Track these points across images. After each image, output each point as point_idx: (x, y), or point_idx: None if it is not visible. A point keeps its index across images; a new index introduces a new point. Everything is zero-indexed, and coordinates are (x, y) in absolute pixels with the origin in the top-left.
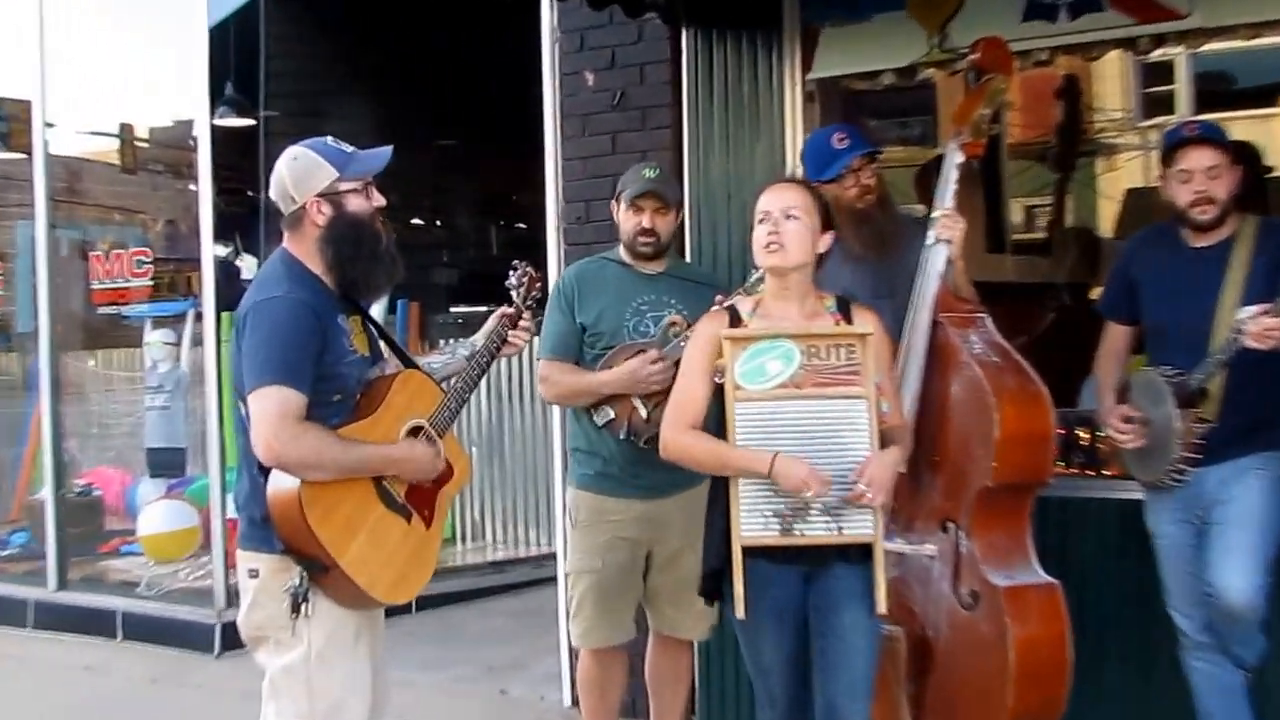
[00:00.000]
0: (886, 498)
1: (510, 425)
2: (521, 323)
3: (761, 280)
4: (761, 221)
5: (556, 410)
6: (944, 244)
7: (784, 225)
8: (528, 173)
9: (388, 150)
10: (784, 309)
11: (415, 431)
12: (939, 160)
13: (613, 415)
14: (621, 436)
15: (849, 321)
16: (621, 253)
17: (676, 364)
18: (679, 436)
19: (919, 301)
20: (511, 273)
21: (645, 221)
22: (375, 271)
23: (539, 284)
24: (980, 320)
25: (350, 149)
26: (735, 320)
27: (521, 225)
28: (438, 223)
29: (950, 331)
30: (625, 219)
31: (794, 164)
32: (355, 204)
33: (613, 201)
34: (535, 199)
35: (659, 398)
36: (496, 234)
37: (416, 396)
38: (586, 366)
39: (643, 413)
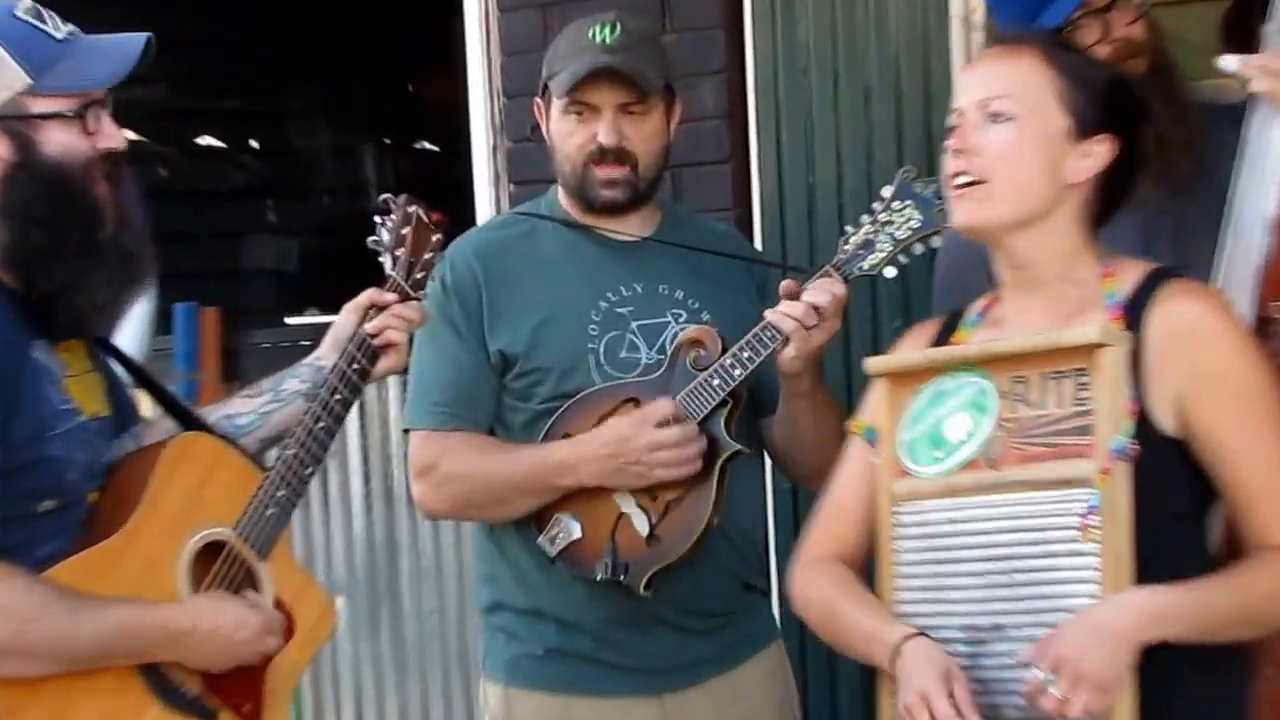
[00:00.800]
0: (1096, 699)
1: (410, 539)
2: (402, 311)
3: None
4: (951, 132)
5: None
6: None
7: (985, 137)
8: (436, 44)
9: (137, 42)
10: (1026, 308)
11: (209, 554)
12: None
13: (578, 534)
14: (598, 577)
15: (1131, 321)
16: (562, 201)
17: (705, 426)
18: (810, 578)
19: (1227, 277)
20: (382, 218)
21: (603, 134)
22: (93, 274)
23: (439, 236)
24: None
25: (66, 32)
26: (948, 331)
27: (426, 146)
28: (253, 144)
29: None
30: (561, 131)
31: (969, 7)
32: (59, 142)
33: (536, 100)
34: (449, 94)
35: (673, 493)
36: (375, 164)
37: (208, 482)
38: (514, 438)
39: (642, 525)
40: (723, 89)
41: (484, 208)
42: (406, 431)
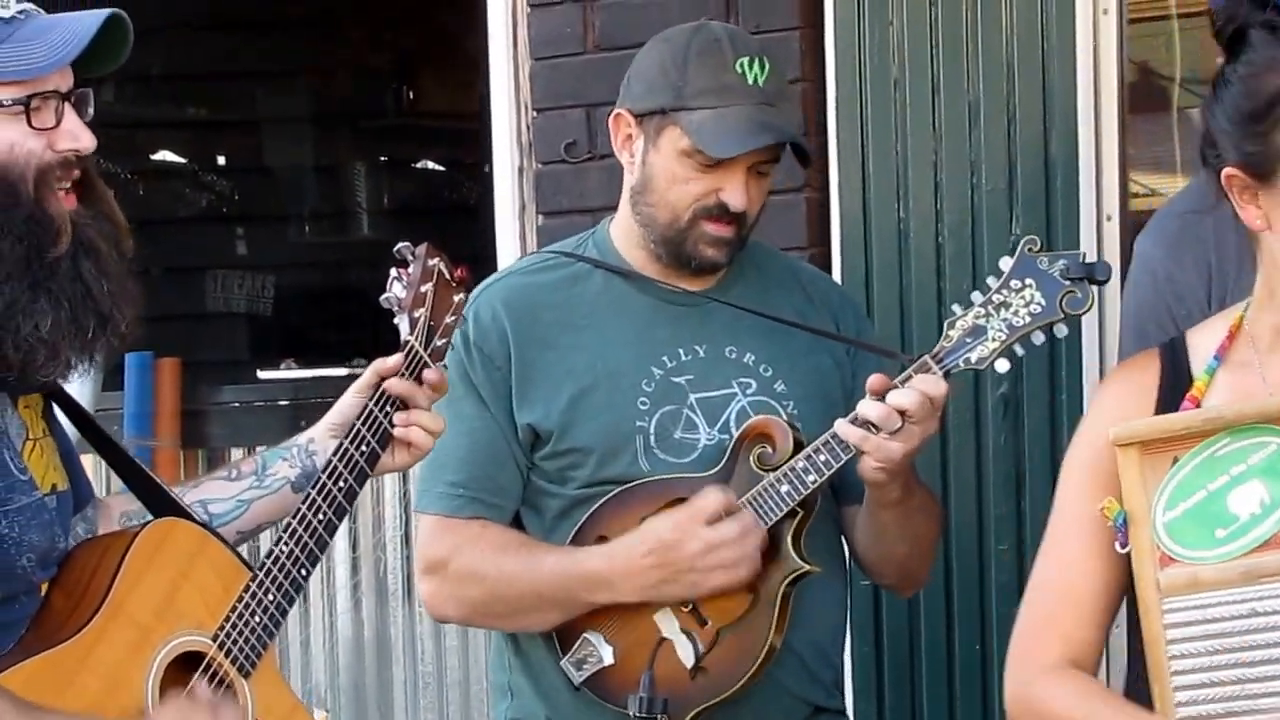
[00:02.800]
0: None
1: (406, 641)
2: (427, 381)
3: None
4: None
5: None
6: None
7: None
8: (446, 43)
9: (97, 19)
10: None
11: (184, 666)
12: None
13: (609, 660)
14: (631, 713)
15: None
16: (617, 243)
17: (775, 536)
18: (1050, 690)
19: None
20: (398, 271)
21: (733, 197)
22: (38, 302)
23: (461, 296)
24: None
25: (16, 9)
26: (1175, 377)
27: (430, 166)
28: (220, 161)
29: None
30: (671, 173)
31: (1100, 8)
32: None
33: (624, 112)
34: (461, 104)
35: (726, 619)
36: (368, 186)
37: (185, 580)
38: (546, 530)
39: (687, 654)
40: (798, 103)
41: (507, 242)
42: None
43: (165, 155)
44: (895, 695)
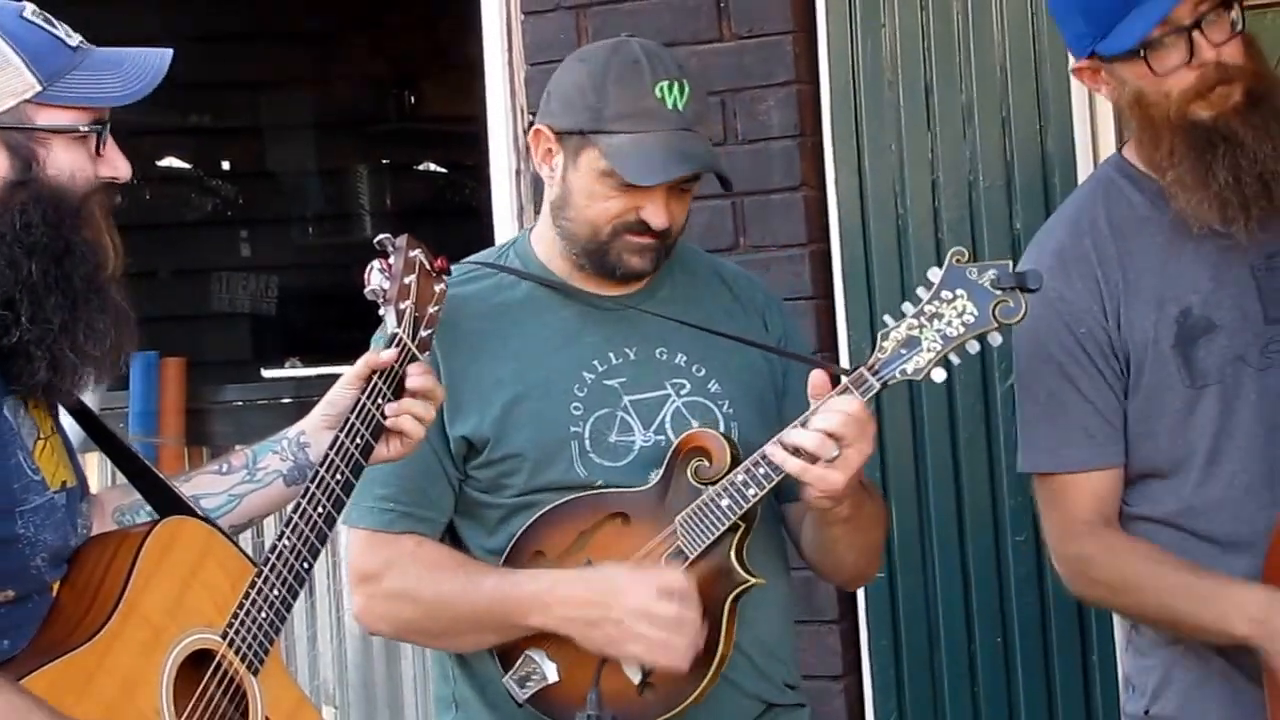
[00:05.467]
0: None
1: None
2: (415, 376)
3: None
4: None
5: None
6: None
7: None
8: (447, 48)
9: (164, 58)
10: None
11: (195, 664)
12: None
13: (553, 678)
14: None
15: None
16: (537, 251)
17: (712, 554)
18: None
19: None
20: (380, 263)
21: (654, 217)
22: (92, 321)
23: (442, 286)
24: None
25: (78, 40)
26: None
27: (432, 169)
28: (225, 166)
29: None
30: (589, 191)
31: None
32: (65, 161)
33: (543, 128)
34: (462, 108)
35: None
36: (371, 189)
37: (194, 578)
38: (489, 541)
39: (633, 672)
40: (793, 103)
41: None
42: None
43: (172, 161)
44: (915, 689)
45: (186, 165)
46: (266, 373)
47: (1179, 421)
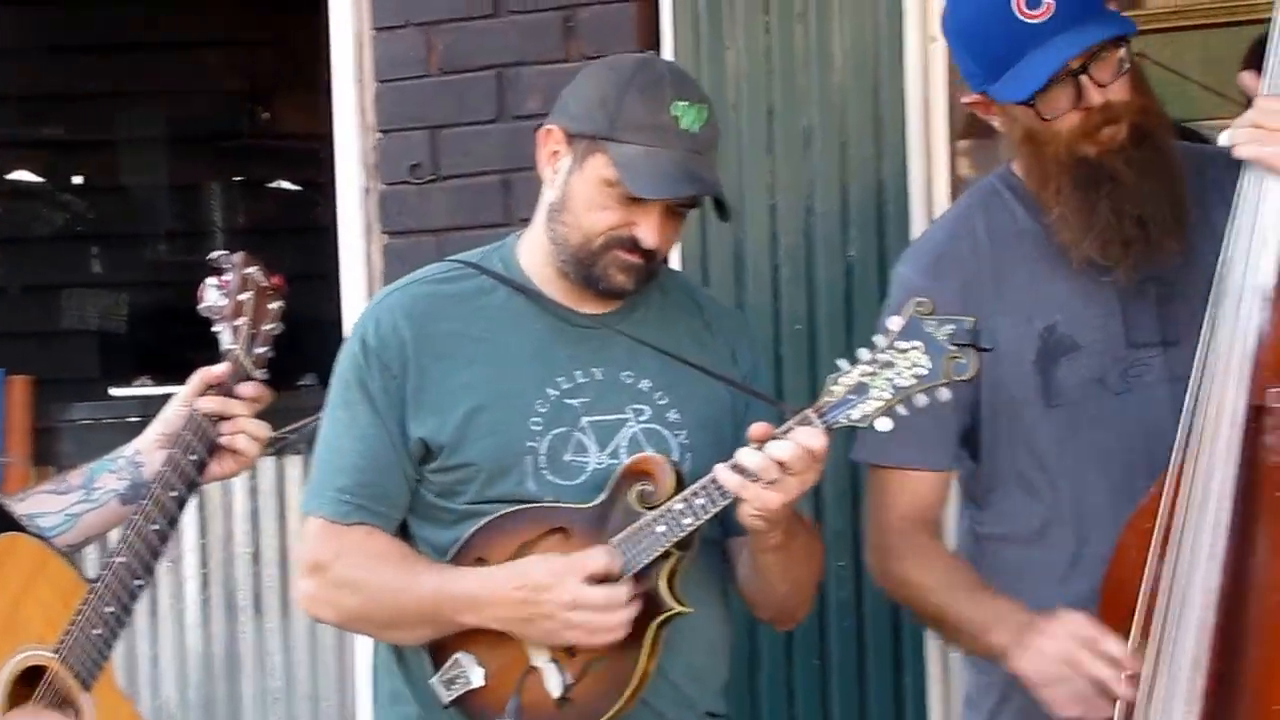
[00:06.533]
0: None
1: (256, 656)
2: (244, 392)
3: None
4: None
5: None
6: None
7: None
8: (300, 64)
9: None
10: None
11: (26, 681)
12: None
13: (478, 682)
14: None
15: None
16: (523, 259)
17: (643, 578)
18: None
19: (1218, 356)
20: (216, 279)
21: (647, 235)
22: None
23: (279, 304)
24: None
25: None
26: None
27: (285, 186)
28: (76, 180)
29: None
30: (589, 199)
31: (927, 19)
32: None
33: (553, 128)
34: (317, 123)
35: (596, 651)
36: (224, 205)
37: (26, 595)
38: (443, 541)
39: (554, 683)
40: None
41: (352, 262)
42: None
43: (22, 175)
44: (736, 711)
45: (37, 179)
46: (115, 391)
47: (1032, 439)
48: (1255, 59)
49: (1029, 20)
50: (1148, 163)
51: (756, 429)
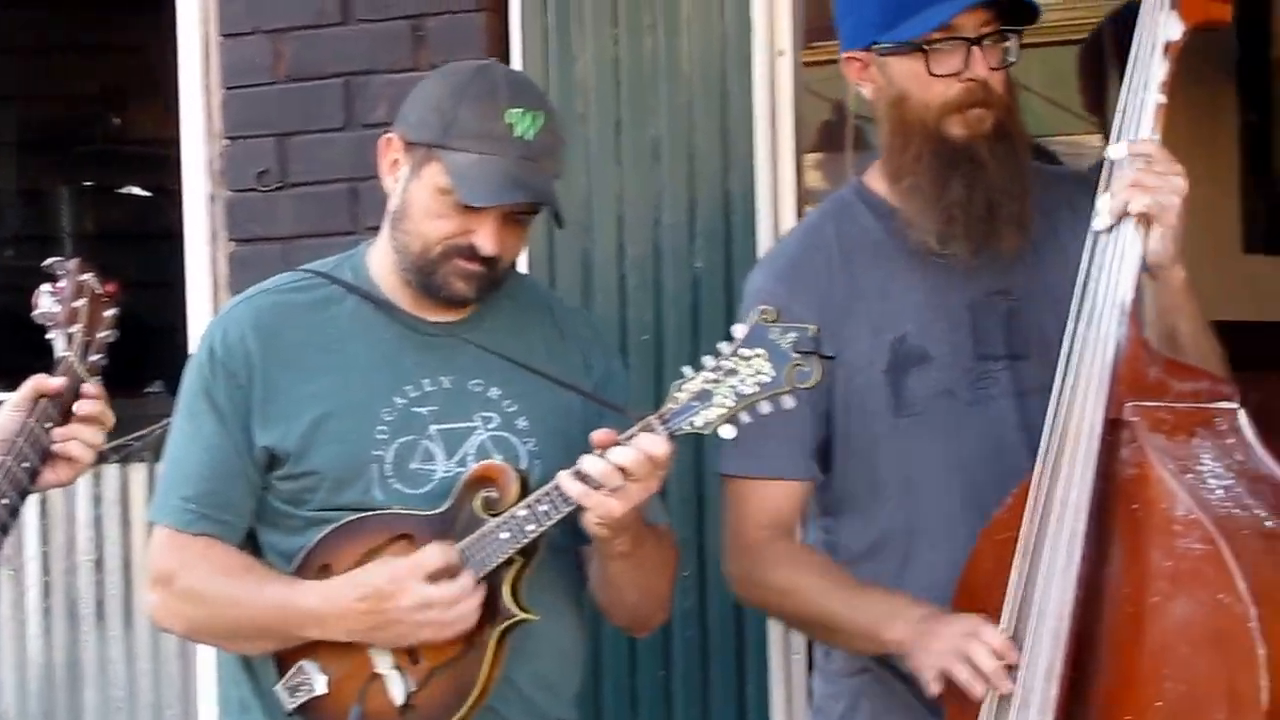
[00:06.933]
0: None
1: (98, 666)
2: (83, 400)
3: None
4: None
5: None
6: (1133, 227)
7: None
8: (150, 70)
9: None
10: None
11: None
12: (1119, 30)
13: (321, 690)
14: None
15: None
16: (373, 268)
17: (492, 583)
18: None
19: (1077, 370)
20: (50, 288)
21: (485, 243)
22: None
23: (113, 311)
24: (1221, 417)
25: None
26: None
27: (135, 192)
28: None
29: (1151, 447)
30: (426, 207)
31: (774, 32)
32: None
33: (393, 137)
34: (168, 129)
35: (439, 659)
36: (71, 211)
37: None
38: (271, 558)
39: (398, 691)
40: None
41: (198, 269)
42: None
43: None
44: None
45: None
46: None
47: (883, 448)
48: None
49: None
50: (1007, 156)
51: (599, 435)
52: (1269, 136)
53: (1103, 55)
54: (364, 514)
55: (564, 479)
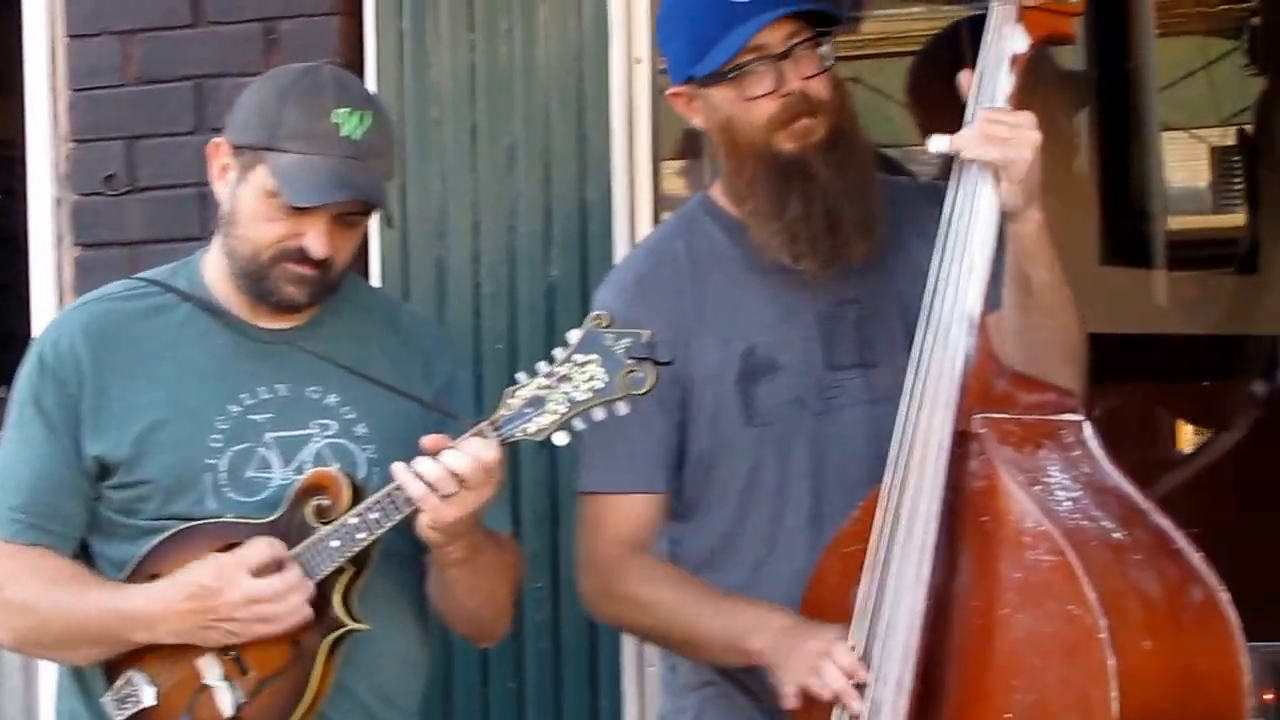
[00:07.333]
0: None
1: None
2: None
3: None
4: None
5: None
6: (986, 182)
7: None
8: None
9: None
10: None
11: None
12: (958, 34)
13: (149, 701)
14: None
15: None
16: (208, 275)
17: (323, 592)
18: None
19: (925, 381)
20: None
21: (315, 245)
22: None
23: None
24: (1067, 429)
25: None
26: None
27: None
28: None
29: (999, 459)
30: (254, 211)
31: (631, 40)
32: None
33: (220, 142)
34: (13, 131)
35: (268, 670)
36: None
37: None
38: (104, 567)
39: (226, 702)
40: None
41: (42, 274)
42: None
43: None
44: None
45: None
46: None
47: (735, 458)
48: (926, 78)
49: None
50: (843, 162)
51: (429, 440)
52: (1126, 149)
53: (940, 62)
54: (195, 522)
55: (404, 476)
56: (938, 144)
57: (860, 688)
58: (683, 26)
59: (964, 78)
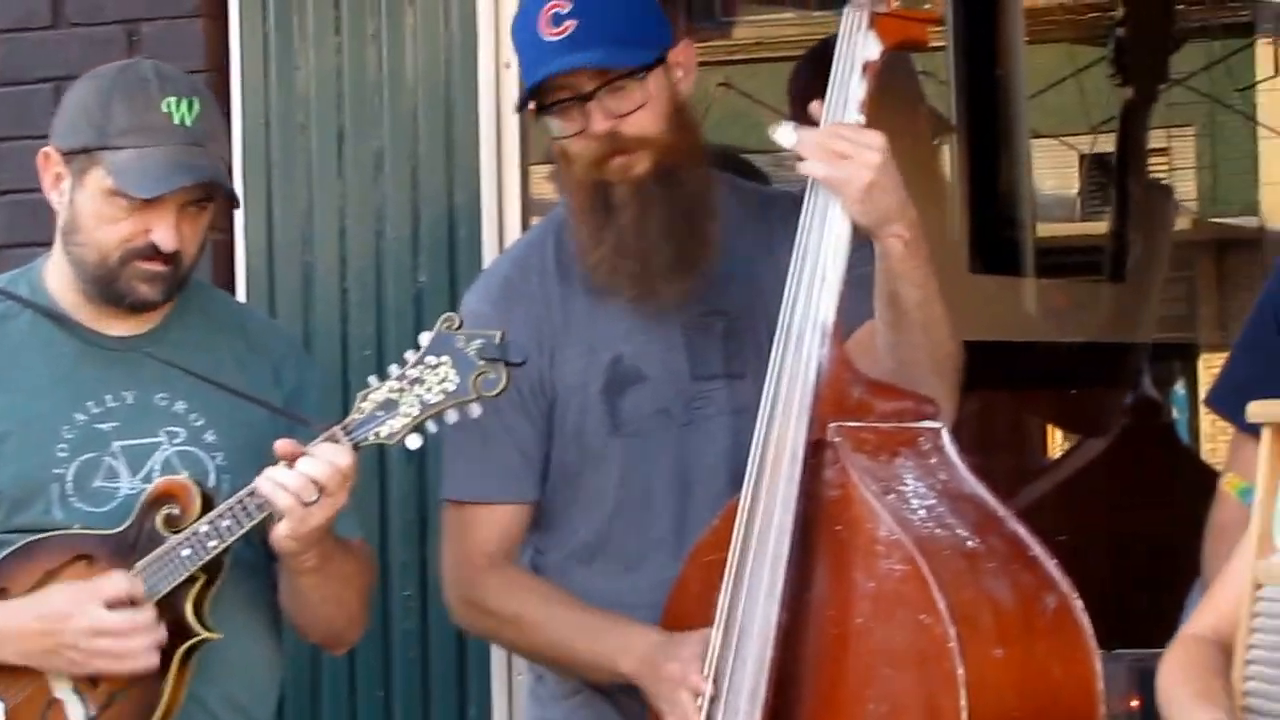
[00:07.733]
0: None
1: None
2: None
3: None
4: None
5: None
6: (830, 202)
7: None
8: None
9: None
10: None
11: None
12: (826, 51)
13: (1, 716)
14: None
15: None
16: (50, 283)
17: (168, 603)
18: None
19: (779, 390)
20: None
21: (164, 238)
22: None
23: None
24: (924, 436)
25: None
26: None
27: None
28: None
29: (854, 467)
30: (97, 214)
31: (500, 44)
32: None
33: (49, 151)
34: None
35: (120, 683)
36: None
37: None
38: None
39: (78, 715)
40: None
41: None
42: None
43: None
44: None
45: None
46: None
47: (601, 468)
48: (807, 79)
49: (548, 38)
50: (663, 199)
51: (281, 445)
52: (995, 156)
53: (806, 76)
54: (43, 535)
55: (265, 486)
56: (784, 135)
57: (715, 699)
58: (517, 50)
59: (814, 108)
